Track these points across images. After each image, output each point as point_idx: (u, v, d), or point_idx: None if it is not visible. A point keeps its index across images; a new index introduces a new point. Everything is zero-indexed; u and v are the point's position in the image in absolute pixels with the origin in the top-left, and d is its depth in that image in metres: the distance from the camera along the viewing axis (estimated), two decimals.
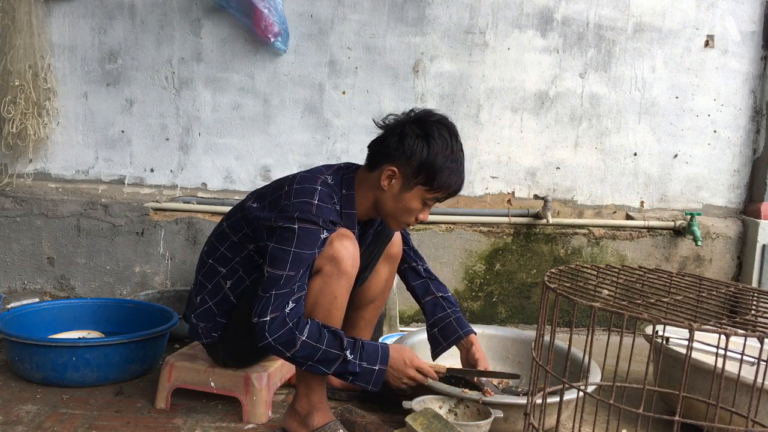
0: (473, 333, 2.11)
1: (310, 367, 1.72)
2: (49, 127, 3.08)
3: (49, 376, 2.20)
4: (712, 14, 3.25)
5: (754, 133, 3.35)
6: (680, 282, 1.57)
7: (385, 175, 1.82)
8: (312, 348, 1.68)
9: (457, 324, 2.11)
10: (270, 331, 1.66)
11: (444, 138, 1.80)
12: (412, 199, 1.84)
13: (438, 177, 1.80)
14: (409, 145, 1.79)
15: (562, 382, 1.33)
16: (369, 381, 1.74)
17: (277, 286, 1.69)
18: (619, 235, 3.27)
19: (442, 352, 2.12)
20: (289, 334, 1.67)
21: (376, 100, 3.17)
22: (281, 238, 1.73)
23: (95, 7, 3.08)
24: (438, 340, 2.12)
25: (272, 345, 1.68)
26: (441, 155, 1.79)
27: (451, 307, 2.15)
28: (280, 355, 1.71)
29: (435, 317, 2.14)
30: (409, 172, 1.80)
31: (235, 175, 3.19)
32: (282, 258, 1.71)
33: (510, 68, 3.21)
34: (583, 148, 3.29)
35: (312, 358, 1.70)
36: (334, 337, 1.71)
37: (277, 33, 3.01)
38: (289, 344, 1.67)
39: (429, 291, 2.18)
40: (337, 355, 1.70)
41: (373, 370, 1.74)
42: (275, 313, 1.67)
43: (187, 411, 2.08)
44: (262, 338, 1.68)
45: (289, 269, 1.70)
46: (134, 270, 3.14)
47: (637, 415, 1.18)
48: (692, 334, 1.13)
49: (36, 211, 3.09)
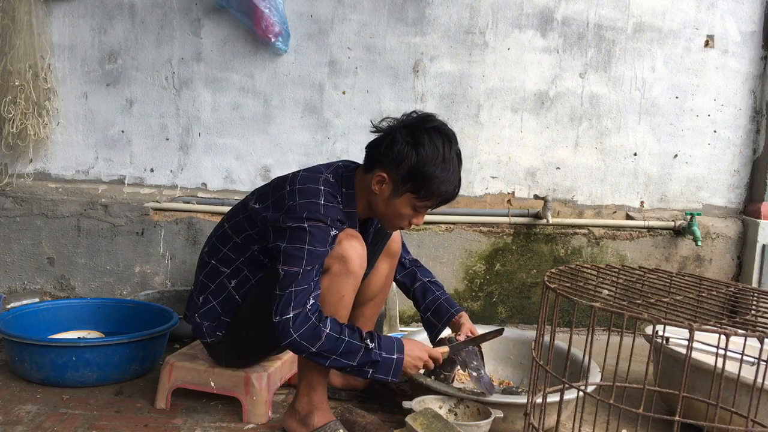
0: (462, 310, 2.17)
1: (334, 360, 1.72)
2: (49, 127, 3.08)
3: (49, 376, 2.20)
4: (712, 14, 3.25)
5: (754, 133, 3.35)
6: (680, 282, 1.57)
7: (375, 180, 1.83)
8: (336, 340, 1.69)
9: (447, 304, 2.17)
10: (294, 327, 1.67)
11: (435, 146, 1.78)
12: (401, 205, 1.84)
13: (427, 185, 1.79)
14: (399, 152, 1.78)
15: (562, 382, 1.33)
16: (389, 371, 1.75)
17: (296, 282, 1.70)
18: (619, 235, 3.28)
19: (438, 335, 2.15)
20: (314, 329, 1.68)
21: (376, 100, 3.17)
22: (293, 237, 1.74)
23: (95, 7, 3.08)
24: (432, 323, 2.17)
25: (297, 341, 1.68)
26: (431, 164, 1.77)
27: (439, 289, 2.22)
28: (305, 351, 1.70)
29: (426, 301, 2.19)
30: (398, 179, 1.80)
31: (235, 175, 3.19)
32: (297, 255, 1.71)
33: (510, 68, 3.21)
34: (583, 148, 3.29)
35: (336, 351, 1.70)
36: (352, 329, 1.74)
37: (278, 33, 3.01)
38: (314, 338, 1.68)
39: (416, 278, 2.23)
40: (359, 346, 1.71)
41: (392, 359, 1.76)
42: (297, 310, 1.68)
43: (187, 411, 2.08)
44: (286, 336, 1.68)
45: (306, 264, 1.71)
46: (134, 270, 3.14)
47: (637, 415, 1.18)
48: (692, 334, 1.13)
49: (36, 211, 3.09)
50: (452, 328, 2.13)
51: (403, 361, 1.78)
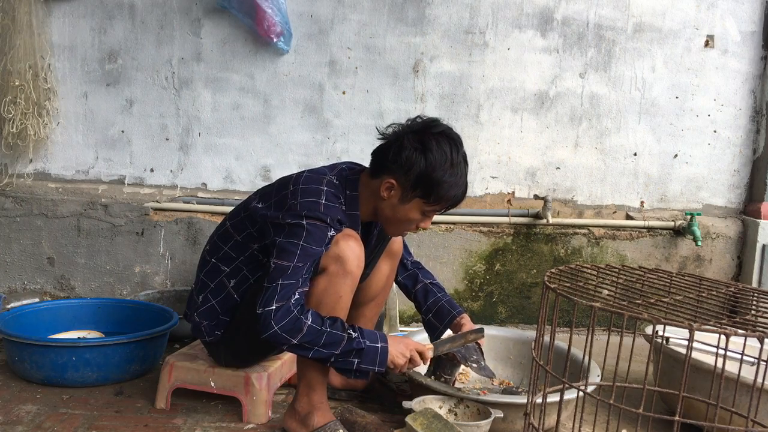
0: (464, 312, 2.16)
1: (317, 352, 1.71)
2: (49, 127, 3.08)
3: (49, 376, 2.20)
4: (712, 14, 3.25)
5: (754, 133, 3.35)
6: (680, 282, 1.57)
7: (384, 187, 1.83)
8: (317, 332, 1.69)
9: (449, 306, 2.16)
10: (275, 319, 1.67)
11: (443, 151, 1.79)
12: (411, 210, 1.85)
13: (436, 190, 1.80)
14: (407, 158, 1.79)
15: (562, 382, 1.33)
16: (375, 360, 1.74)
17: (285, 276, 1.70)
18: (619, 235, 3.28)
19: (439, 336, 2.15)
20: (295, 321, 1.68)
21: (376, 100, 3.17)
22: (290, 233, 1.74)
23: (95, 7, 3.08)
24: (434, 325, 2.17)
25: (278, 333, 1.67)
26: (439, 169, 1.78)
27: (440, 291, 2.21)
28: (286, 343, 1.69)
29: (427, 303, 2.19)
30: (407, 185, 1.81)
31: (235, 175, 3.19)
32: (290, 250, 1.72)
33: (510, 68, 3.21)
34: (583, 148, 3.29)
35: (318, 342, 1.70)
36: (333, 321, 1.74)
37: (280, 33, 3.01)
38: (295, 330, 1.68)
39: (418, 280, 2.23)
40: (341, 336, 1.71)
41: (376, 348, 1.75)
42: (281, 303, 1.68)
43: (187, 411, 2.08)
44: (267, 327, 1.67)
45: (297, 261, 1.71)
46: (134, 270, 3.14)
47: (637, 415, 1.18)
48: (692, 334, 1.13)
49: (36, 211, 3.09)
50: (453, 330, 2.13)
51: (388, 350, 1.77)
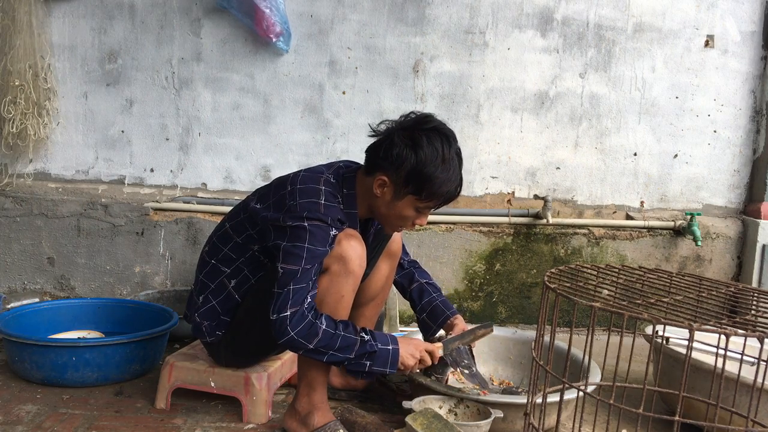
0: (457, 313, 2.18)
1: (332, 356, 1.73)
2: (49, 127, 3.08)
3: (49, 376, 2.20)
4: (712, 14, 3.25)
5: (754, 133, 3.35)
6: (680, 282, 1.57)
7: (376, 184, 1.83)
8: (332, 336, 1.70)
9: (443, 306, 2.17)
10: (291, 324, 1.68)
11: (434, 147, 1.78)
12: (404, 207, 1.84)
13: (428, 186, 1.79)
14: (397, 155, 1.79)
15: (562, 382, 1.33)
16: (386, 362, 1.76)
17: (295, 280, 1.70)
18: (619, 235, 3.28)
19: (432, 336, 2.17)
20: (310, 326, 1.69)
21: (376, 100, 3.17)
22: (293, 236, 1.74)
23: (95, 7, 3.08)
24: (428, 324, 2.18)
25: (294, 339, 1.68)
26: (430, 164, 1.77)
27: (436, 291, 2.22)
28: (303, 348, 1.71)
29: (422, 302, 2.20)
30: (399, 182, 1.80)
31: (235, 175, 3.19)
32: (296, 254, 1.72)
33: (510, 68, 3.21)
34: (583, 148, 3.29)
35: (333, 346, 1.71)
36: (346, 325, 1.75)
37: (279, 33, 3.01)
38: (311, 335, 1.69)
39: (414, 279, 2.24)
40: (354, 339, 1.73)
41: (388, 350, 1.77)
42: (295, 308, 1.68)
43: (187, 411, 2.08)
44: (283, 333, 1.68)
45: (305, 263, 1.71)
46: (134, 270, 3.14)
47: (637, 415, 1.18)
48: (692, 334, 1.13)
49: (36, 211, 3.09)
50: (446, 330, 2.14)
51: (399, 352, 1.79)
